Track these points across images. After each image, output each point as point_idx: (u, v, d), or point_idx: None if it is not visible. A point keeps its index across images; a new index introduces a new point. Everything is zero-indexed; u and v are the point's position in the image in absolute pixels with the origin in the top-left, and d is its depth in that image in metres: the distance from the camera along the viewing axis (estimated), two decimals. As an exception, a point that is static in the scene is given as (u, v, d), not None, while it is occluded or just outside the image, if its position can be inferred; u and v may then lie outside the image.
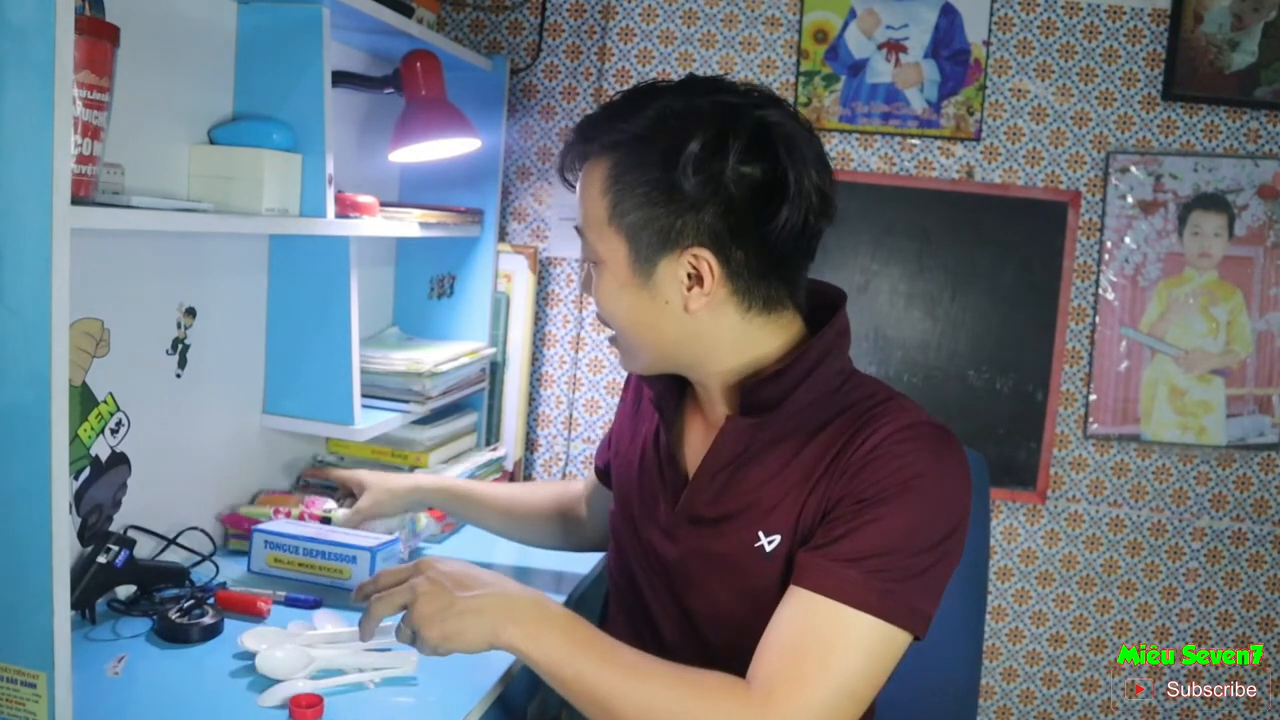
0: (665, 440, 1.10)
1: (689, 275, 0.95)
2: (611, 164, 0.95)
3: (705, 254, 0.94)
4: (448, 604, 0.94)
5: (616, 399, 1.86)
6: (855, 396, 1.00)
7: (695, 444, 1.09)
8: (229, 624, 1.25)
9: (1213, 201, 1.97)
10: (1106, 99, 1.98)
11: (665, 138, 0.92)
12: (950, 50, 2.00)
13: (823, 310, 1.03)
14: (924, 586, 0.91)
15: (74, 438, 1.23)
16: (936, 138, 2.02)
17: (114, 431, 1.31)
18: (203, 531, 1.42)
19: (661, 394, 1.11)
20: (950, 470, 0.94)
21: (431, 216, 1.77)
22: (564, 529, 1.44)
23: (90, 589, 1.22)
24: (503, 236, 2.13)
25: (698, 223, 0.93)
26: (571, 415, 2.18)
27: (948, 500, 0.93)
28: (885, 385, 1.02)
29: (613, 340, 1.06)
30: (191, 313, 1.44)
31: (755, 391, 0.99)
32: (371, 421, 1.61)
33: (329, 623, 1.26)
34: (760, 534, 0.98)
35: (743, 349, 1.00)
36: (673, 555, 1.06)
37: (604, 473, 1.32)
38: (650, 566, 1.10)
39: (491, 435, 2.07)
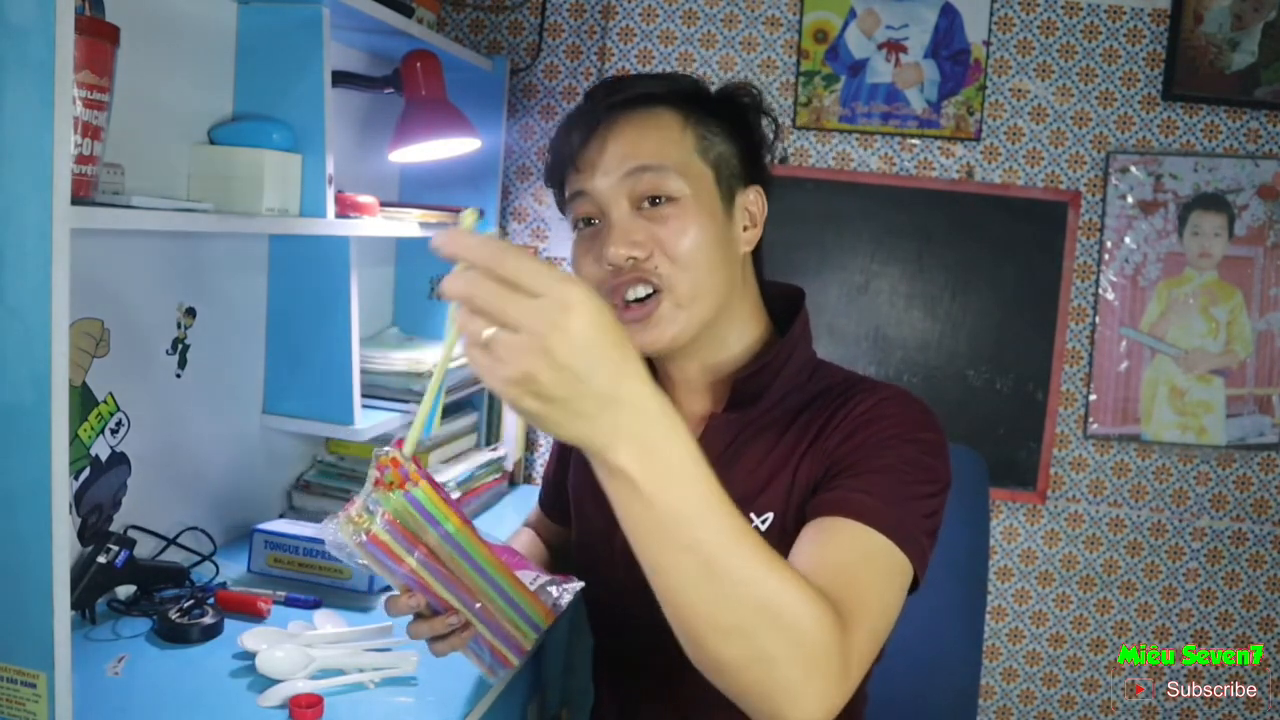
0: None
1: (750, 211, 1.04)
2: (681, 110, 1.01)
3: (760, 190, 1.05)
4: (569, 393, 0.63)
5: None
6: (827, 383, 1.04)
7: None
8: (229, 624, 1.25)
9: (1213, 201, 1.97)
10: (1106, 99, 1.98)
11: (714, 94, 1.05)
12: (950, 50, 2.00)
13: (782, 306, 1.09)
14: (929, 529, 0.92)
15: (74, 438, 1.23)
16: (936, 138, 2.02)
17: (114, 431, 1.31)
18: (203, 531, 1.42)
19: None
20: (941, 430, 0.98)
21: (431, 216, 1.77)
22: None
23: (90, 589, 1.22)
24: (503, 236, 2.13)
25: (758, 163, 1.05)
26: (571, 415, 2.18)
27: (942, 455, 0.96)
28: (849, 370, 1.07)
29: (635, 303, 0.98)
30: (191, 313, 1.44)
31: (744, 385, 1.02)
32: (371, 421, 1.61)
33: (329, 623, 1.26)
34: (752, 515, 0.99)
35: (744, 327, 1.05)
36: None
37: (552, 508, 1.31)
38: (634, 585, 1.08)
39: (491, 435, 2.07)
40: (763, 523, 0.98)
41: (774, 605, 0.71)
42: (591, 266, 1.00)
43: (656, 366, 1.09)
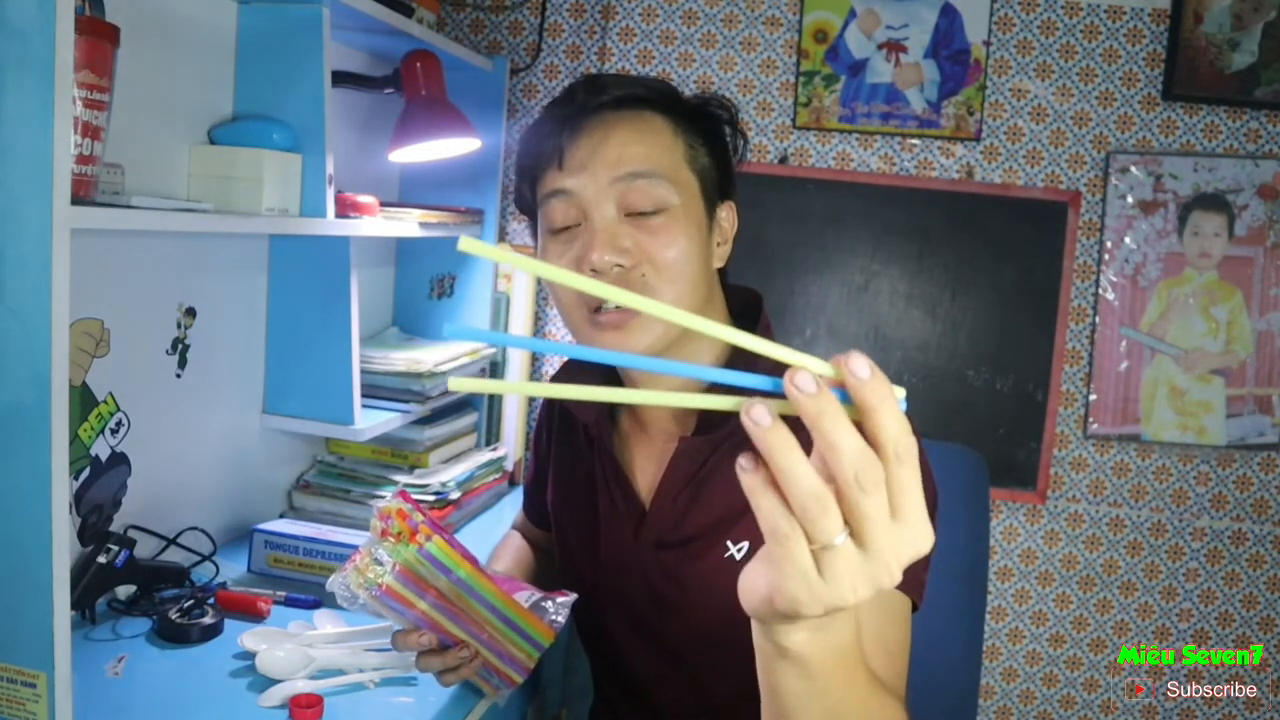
0: (613, 469, 1.07)
1: (722, 228, 1.03)
2: (671, 117, 1.00)
3: (733, 208, 1.04)
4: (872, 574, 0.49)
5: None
6: None
7: (645, 467, 1.07)
8: (229, 624, 1.25)
9: (1213, 201, 1.97)
10: (1106, 99, 1.98)
11: (698, 102, 1.04)
12: (950, 50, 2.00)
13: (744, 314, 1.07)
14: (926, 562, 0.92)
15: (74, 438, 1.23)
16: (936, 138, 2.02)
17: (114, 431, 1.31)
18: (203, 531, 1.42)
19: (598, 419, 1.08)
20: (920, 444, 0.95)
21: (431, 216, 1.77)
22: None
23: (90, 589, 1.22)
24: (502, 236, 2.13)
25: (731, 179, 1.04)
26: (571, 415, 2.18)
27: (928, 474, 0.94)
28: None
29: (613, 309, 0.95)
30: (191, 313, 1.44)
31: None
32: (371, 421, 1.61)
33: (329, 623, 1.26)
34: (729, 544, 0.98)
35: (708, 341, 1.03)
36: (641, 586, 1.04)
37: (536, 514, 1.31)
38: (618, 603, 1.08)
39: (491, 435, 2.07)
40: (738, 551, 0.97)
41: None
42: (569, 269, 0.96)
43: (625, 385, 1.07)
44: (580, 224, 0.97)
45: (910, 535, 0.48)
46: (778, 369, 0.47)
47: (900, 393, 0.48)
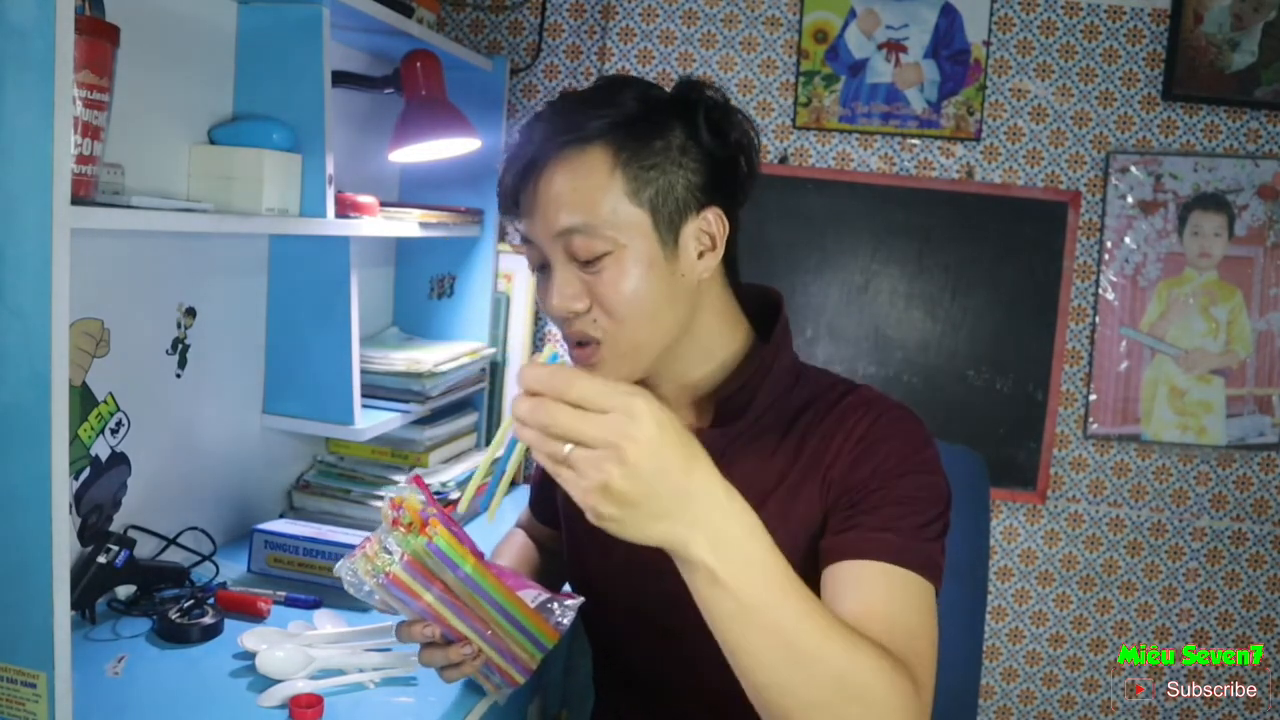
0: None
1: (705, 236, 0.98)
2: (614, 145, 0.94)
3: (718, 210, 0.98)
4: (646, 493, 0.67)
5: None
6: (814, 390, 1.02)
7: None
8: (229, 624, 1.25)
9: (1213, 201, 1.97)
10: (1106, 99, 1.98)
11: (661, 109, 0.96)
12: (950, 50, 2.00)
13: (761, 306, 1.07)
14: (942, 548, 0.94)
15: (74, 438, 1.23)
16: (936, 138, 2.02)
17: (114, 431, 1.31)
18: (203, 531, 1.42)
19: None
20: (933, 439, 0.99)
21: (431, 216, 1.77)
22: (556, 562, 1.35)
23: (90, 589, 1.22)
24: (502, 236, 2.13)
25: (712, 180, 0.97)
26: (571, 415, 2.17)
27: (940, 468, 0.97)
28: (834, 374, 1.06)
29: (583, 346, 0.98)
30: (191, 313, 1.44)
31: (728, 402, 1.00)
32: (371, 421, 1.61)
33: (329, 623, 1.26)
34: None
35: (720, 340, 1.02)
36: (654, 580, 1.03)
37: (542, 511, 1.30)
38: (628, 598, 1.07)
39: (491, 435, 2.07)
40: None
41: (853, 680, 0.72)
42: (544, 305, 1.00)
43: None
44: (548, 263, 0.98)
45: (611, 419, 0.67)
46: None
47: (544, 354, 0.76)
